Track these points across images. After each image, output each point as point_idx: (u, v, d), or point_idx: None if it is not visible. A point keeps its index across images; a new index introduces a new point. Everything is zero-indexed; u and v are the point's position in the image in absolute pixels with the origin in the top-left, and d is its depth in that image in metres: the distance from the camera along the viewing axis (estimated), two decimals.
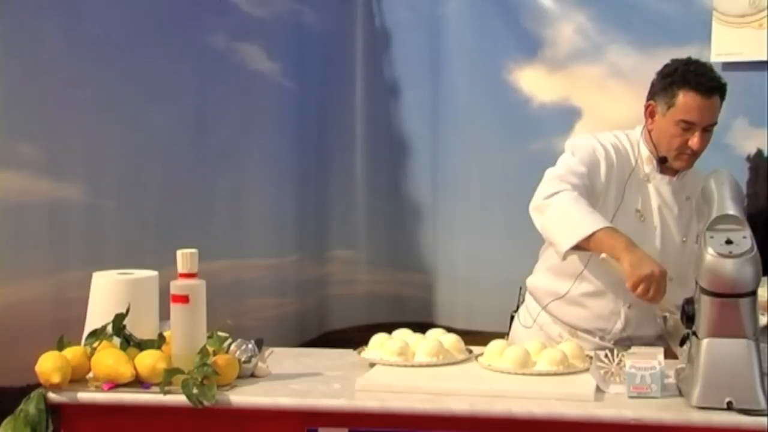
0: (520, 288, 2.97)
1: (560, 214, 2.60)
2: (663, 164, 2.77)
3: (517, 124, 3.77)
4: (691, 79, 2.69)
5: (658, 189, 2.79)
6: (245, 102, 3.61)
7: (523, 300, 2.99)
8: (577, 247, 2.57)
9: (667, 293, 2.63)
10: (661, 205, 2.78)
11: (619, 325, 2.78)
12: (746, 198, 2.53)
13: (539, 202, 2.65)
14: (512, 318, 3.03)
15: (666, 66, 2.78)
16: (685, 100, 2.69)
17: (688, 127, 2.69)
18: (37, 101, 2.79)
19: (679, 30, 3.44)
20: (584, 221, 2.55)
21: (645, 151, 2.80)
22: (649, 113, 2.79)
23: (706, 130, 2.71)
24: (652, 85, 2.80)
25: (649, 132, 2.80)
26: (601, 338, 2.81)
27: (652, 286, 2.45)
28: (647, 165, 2.80)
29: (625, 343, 2.73)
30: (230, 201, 3.56)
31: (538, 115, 3.76)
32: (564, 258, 2.63)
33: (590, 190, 2.70)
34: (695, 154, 2.74)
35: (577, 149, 2.77)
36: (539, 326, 2.89)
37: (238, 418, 2.20)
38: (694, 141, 2.70)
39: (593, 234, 2.52)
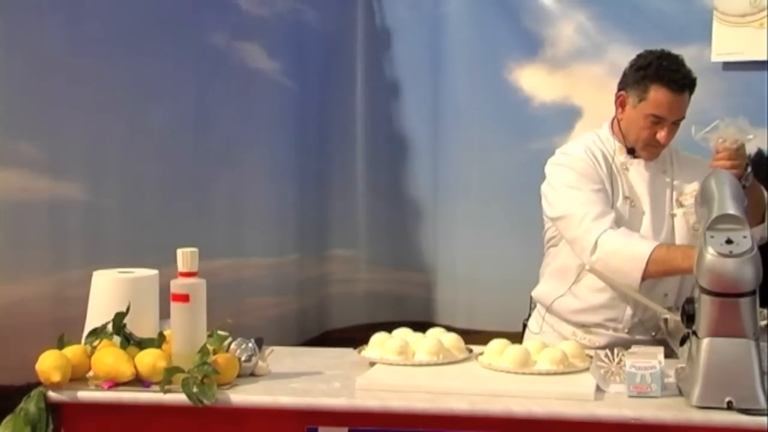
0: (531, 297, 2.98)
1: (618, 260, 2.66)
2: (631, 155, 2.83)
3: (517, 124, 3.77)
4: (664, 75, 2.73)
5: (638, 173, 2.84)
6: (245, 101, 3.61)
7: (535, 306, 3.00)
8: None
9: None
10: (646, 187, 2.82)
11: (629, 311, 2.79)
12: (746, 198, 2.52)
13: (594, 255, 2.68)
14: (524, 327, 3.04)
15: (639, 57, 2.82)
16: (657, 95, 2.74)
17: (657, 121, 2.75)
18: (37, 100, 2.78)
19: (680, 29, 3.44)
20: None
21: (616, 143, 2.86)
22: (620, 103, 2.83)
23: (675, 124, 2.78)
24: (624, 75, 2.83)
25: (618, 121, 2.85)
26: (615, 330, 2.82)
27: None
28: (621, 155, 2.85)
29: (638, 330, 2.77)
30: (230, 200, 3.56)
31: (539, 114, 3.76)
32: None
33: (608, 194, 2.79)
34: (662, 147, 2.80)
35: (573, 168, 2.81)
36: (550, 326, 2.90)
37: (238, 417, 2.20)
38: (662, 135, 2.76)
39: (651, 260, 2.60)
